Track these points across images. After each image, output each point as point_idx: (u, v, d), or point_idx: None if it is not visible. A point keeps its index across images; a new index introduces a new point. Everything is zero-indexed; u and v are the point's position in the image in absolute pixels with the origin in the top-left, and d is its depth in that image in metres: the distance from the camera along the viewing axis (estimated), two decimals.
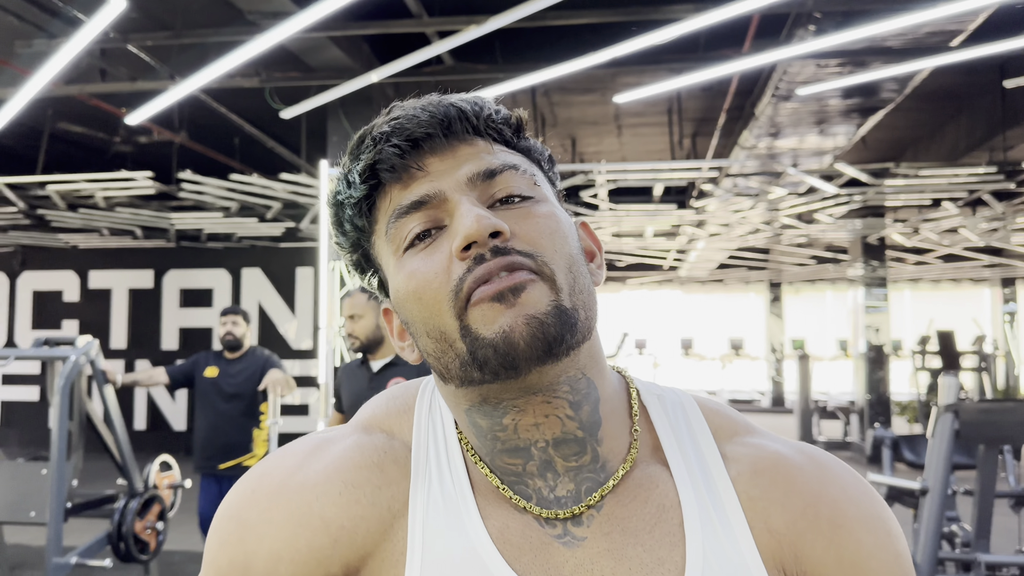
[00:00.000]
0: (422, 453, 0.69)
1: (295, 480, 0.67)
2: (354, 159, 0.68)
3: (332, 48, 5.50)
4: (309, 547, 0.64)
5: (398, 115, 0.67)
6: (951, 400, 4.39)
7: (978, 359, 11.97)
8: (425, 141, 0.66)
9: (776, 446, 0.70)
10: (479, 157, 0.66)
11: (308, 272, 10.54)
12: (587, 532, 0.65)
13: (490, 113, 0.68)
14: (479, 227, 0.61)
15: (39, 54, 5.01)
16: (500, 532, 0.65)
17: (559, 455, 0.66)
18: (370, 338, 3.34)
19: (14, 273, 11.45)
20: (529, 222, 0.64)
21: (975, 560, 4.35)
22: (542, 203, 0.66)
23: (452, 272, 0.62)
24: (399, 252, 0.66)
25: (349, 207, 0.69)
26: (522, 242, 0.63)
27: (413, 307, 0.65)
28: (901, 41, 4.91)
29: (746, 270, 17.10)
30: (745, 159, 7.39)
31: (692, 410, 0.73)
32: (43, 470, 4.47)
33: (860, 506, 0.67)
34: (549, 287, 0.61)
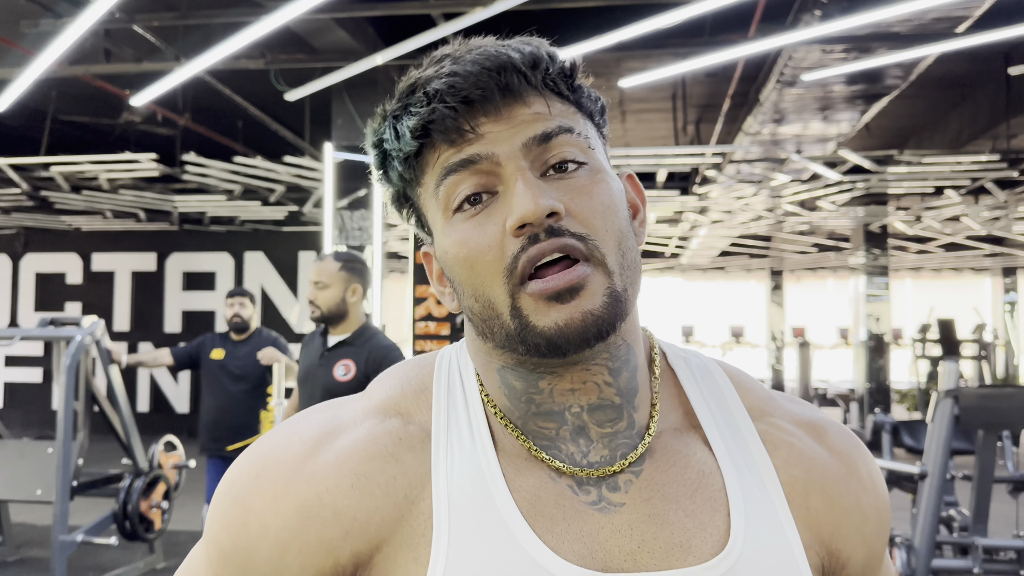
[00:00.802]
0: (442, 434, 0.68)
1: (305, 471, 0.65)
2: (403, 110, 0.66)
3: (337, 30, 5.49)
4: (319, 538, 0.64)
5: (453, 70, 0.64)
6: (951, 385, 4.42)
7: (978, 348, 12.00)
8: (480, 102, 0.64)
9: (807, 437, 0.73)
10: (534, 119, 0.64)
11: (311, 256, 10.55)
12: (625, 498, 0.65)
13: (547, 66, 0.66)
14: (536, 209, 0.60)
15: (44, 34, 5.01)
16: (531, 503, 0.64)
17: (593, 421, 0.66)
18: (332, 310, 3.16)
19: (17, 255, 11.48)
20: (583, 199, 0.63)
21: (973, 544, 4.39)
22: (595, 171, 0.65)
23: (506, 248, 0.62)
24: (448, 213, 0.65)
25: (396, 159, 0.67)
26: (576, 222, 0.62)
27: (462, 272, 0.65)
28: (907, 27, 4.90)
29: (748, 258, 17.11)
30: (749, 145, 7.39)
31: (721, 377, 0.74)
32: (49, 449, 4.51)
33: (877, 494, 0.75)
34: (602, 274, 0.62)
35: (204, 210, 10.07)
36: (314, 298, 3.16)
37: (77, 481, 4.53)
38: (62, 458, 4.31)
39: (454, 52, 0.66)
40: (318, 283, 3.15)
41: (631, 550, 0.63)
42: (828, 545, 0.70)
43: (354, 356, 3.11)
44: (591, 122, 0.69)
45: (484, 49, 0.65)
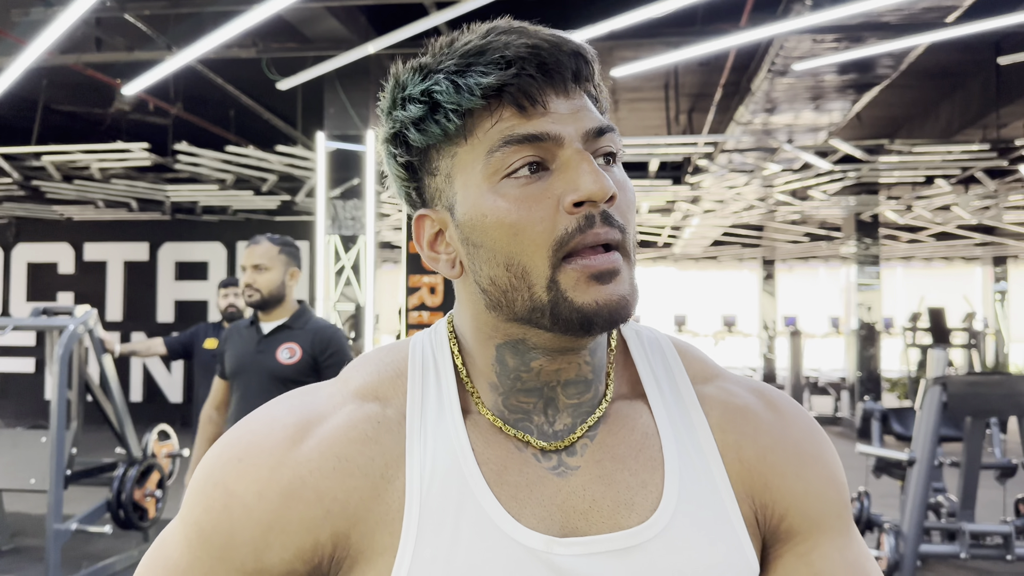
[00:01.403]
0: (416, 415, 0.71)
1: (290, 456, 0.68)
2: (467, 68, 0.66)
3: (329, 19, 5.49)
4: (300, 519, 0.67)
5: (534, 43, 0.65)
6: (939, 373, 4.46)
7: (968, 336, 12.08)
8: (558, 78, 0.66)
9: (744, 393, 0.77)
10: (590, 111, 0.67)
11: (304, 246, 10.53)
12: (580, 461, 0.70)
13: (595, 71, 0.70)
14: (603, 190, 0.63)
15: (35, 23, 4.99)
16: (498, 473, 0.69)
17: (564, 394, 0.71)
18: (272, 293, 3.08)
19: (8, 245, 11.44)
20: (624, 193, 0.67)
21: (960, 529, 4.44)
22: (621, 168, 0.70)
23: (558, 222, 0.64)
24: (495, 177, 0.66)
25: (451, 111, 0.66)
26: (619, 213, 0.66)
27: (500, 237, 0.65)
28: (897, 16, 4.92)
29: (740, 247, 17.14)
30: (741, 135, 7.41)
31: (668, 348, 0.78)
32: (43, 438, 4.52)
33: (816, 443, 0.76)
34: (628, 265, 0.67)
35: (196, 200, 10.05)
36: (252, 281, 3.06)
37: (71, 470, 4.54)
38: (56, 447, 4.31)
39: (518, 27, 0.68)
40: (258, 266, 3.06)
41: (584, 510, 0.68)
42: (760, 496, 0.73)
43: (297, 339, 3.07)
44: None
45: (551, 31, 0.68)
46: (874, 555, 4.50)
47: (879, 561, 4.41)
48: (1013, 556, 4.40)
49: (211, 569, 0.68)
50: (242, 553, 0.67)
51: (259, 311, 3.13)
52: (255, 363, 3.06)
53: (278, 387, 3.01)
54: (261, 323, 3.13)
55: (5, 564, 5.05)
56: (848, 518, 0.76)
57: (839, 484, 0.76)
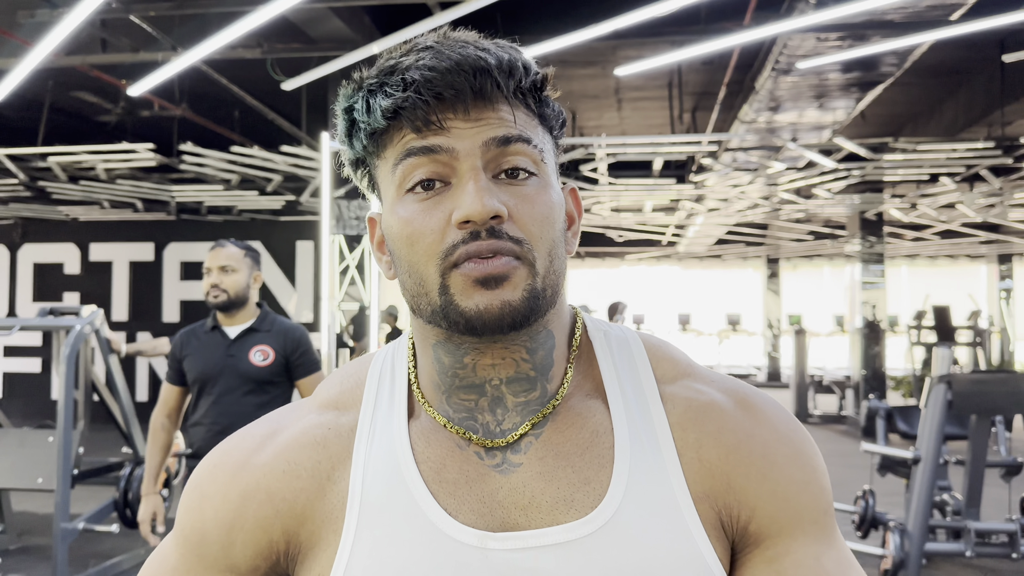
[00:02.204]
0: (367, 419, 0.75)
1: (250, 462, 0.75)
2: (379, 87, 0.69)
3: (333, 19, 5.50)
4: (255, 517, 0.73)
5: (433, 64, 0.67)
6: (944, 371, 4.46)
7: (973, 334, 12.05)
8: (451, 100, 0.67)
9: (712, 392, 0.75)
10: (498, 123, 0.68)
11: (308, 246, 10.56)
12: (523, 458, 0.71)
13: (521, 77, 0.70)
14: (482, 210, 0.65)
15: (41, 24, 5.01)
16: (437, 471, 0.71)
17: (510, 391, 0.73)
18: (239, 294, 3.10)
19: (15, 245, 11.47)
20: (526, 206, 0.68)
21: (965, 528, 4.44)
22: (542, 184, 0.70)
23: (447, 236, 0.67)
24: (400, 191, 0.70)
25: (363, 131, 0.71)
26: (515, 226, 0.67)
27: (402, 247, 0.70)
28: (901, 15, 4.92)
29: (744, 246, 17.13)
30: (745, 133, 7.41)
31: (637, 347, 0.78)
32: (50, 438, 4.54)
33: (791, 444, 0.73)
34: (528, 272, 0.68)
35: (201, 200, 10.07)
36: (219, 282, 3.07)
37: (78, 470, 4.56)
38: (63, 447, 4.33)
39: (437, 43, 0.70)
40: (225, 268, 3.08)
41: (523, 506, 0.70)
42: (723, 497, 0.71)
43: (268, 341, 3.10)
44: (550, 134, 0.74)
45: (466, 48, 0.69)
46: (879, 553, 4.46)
47: (884, 560, 4.41)
48: (1018, 554, 4.39)
49: (192, 567, 0.76)
50: (214, 550, 0.74)
51: (223, 313, 3.14)
52: (227, 367, 3.08)
53: (253, 389, 3.06)
54: (225, 327, 3.15)
55: (13, 563, 5.08)
56: (828, 525, 0.73)
57: (816, 488, 0.72)
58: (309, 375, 3.15)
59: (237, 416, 3.02)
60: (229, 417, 3.05)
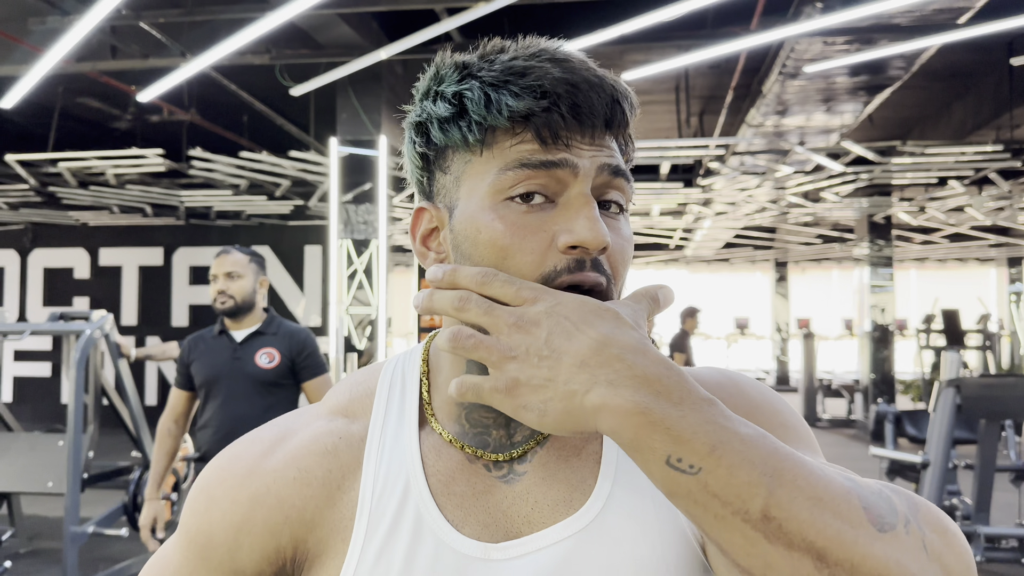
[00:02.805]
0: (377, 430, 0.75)
1: (260, 467, 0.74)
2: (504, 84, 0.67)
3: (341, 25, 5.53)
4: (264, 523, 0.72)
5: (573, 79, 0.66)
6: (953, 375, 4.45)
7: (983, 338, 12.00)
8: (586, 123, 0.66)
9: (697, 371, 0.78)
10: (611, 152, 0.68)
11: (316, 250, 10.60)
12: (528, 467, 0.72)
13: (632, 119, 0.70)
14: (596, 239, 0.64)
15: (52, 31, 5.05)
16: (446, 484, 0.72)
17: None
18: (245, 299, 3.14)
19: (25, 250, 11.54)
20: (619, 244, 0.68)
21: (975, 532, 4.42)
22: (628, 222, 0.71)
23: (547, 258, 0.65)
24: (498, 196, 0.67)
25: (474, 123, 0.67)
26: (610, 262, 0.67)
27: (489, 256, 0.67)
28: (908, 18, 4.91)
29: (752, 249, 17.10)
30: (752, 137, 7.41)
31: None
32: (60, 442, 4.56)
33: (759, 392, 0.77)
34: None
35: (210, 205, 10.12)
36: (226, 288, 3.12)
37: (87, 473, 4.58)
38: (72, 451, 4.35)
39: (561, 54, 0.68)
40: (231, 274, 3.13)
41: (526, 513, 0.71)
42: None
43: (274, 344, 3.15)
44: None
45: (590, 69, 0.68)
46: None
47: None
48: None
49: (195, 570, 0.75)
50: (220, 553, 0.74)
51: (230, 319, 3.18)
52: (233, 371, 3.12)
53: (259, 391, 3.10)
54: (232, 331, 3.19)
55: (23, 566, 5.10)
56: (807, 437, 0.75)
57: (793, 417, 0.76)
58: (315, 377, 3.17)
59: (244, 419, 3.04)
60: (236, 420, 3.08)
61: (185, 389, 3.26)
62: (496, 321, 0.60)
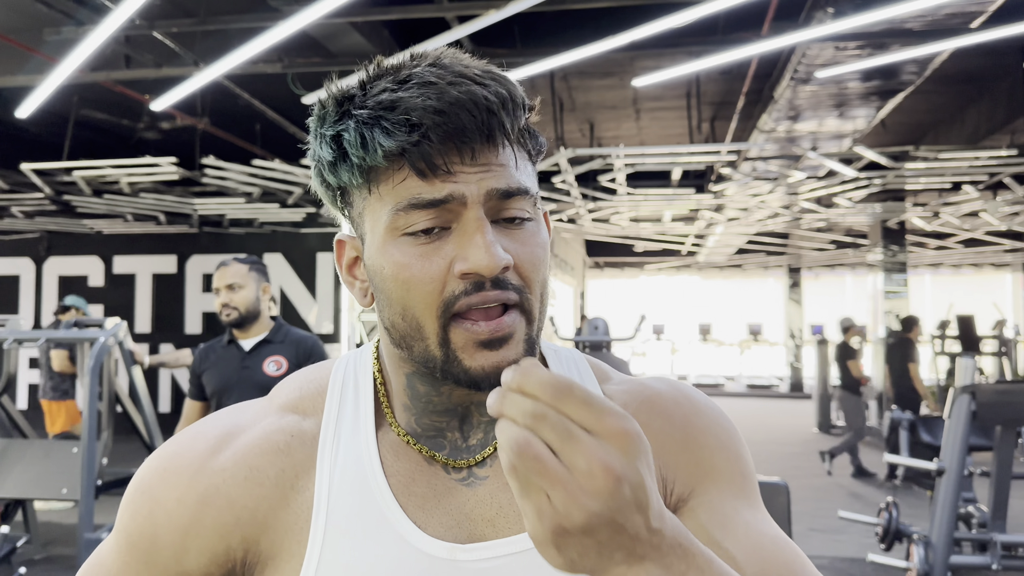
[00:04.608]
0: (331, 429, 0.74)
1: (207, 466, 0.71)
2: (376, 121, 0.65)
3: (353, 34, 5.55)
4: (214, 524, 0.70)
5: (436, 103, 0.63)
6: (968, 381, 4.41)
7: (998, 344, 11.90)
8: (464, 145, 0.65)
9: (642, 387, 0.80)
10: (500, 170, 0.66)
11: (328, 257, 10.62)
12: (489, 472, 0.72)
13: (520, 115, 0.68)
14: (489, 265, 0.63)
15: (66, 41, 5.09)
16: (406, 484, 0.72)
17: (478, 411, 0.73)
18: (249, 309, 3.15)
19: (40, 258, 11.63)
20: (526, 251, 0.67)
21: (991, 540, 4.38)
22: (537, 225, 0.70)
23: (447, 285, 0.65)
24: (396, 232, 0.67)
25: (355, 164, 0.67)
26: (516, 274, 0.66)
27: (395, 290, 0.67)
28: (921, 23, 4.89)
29: (765, 255, 17.04)
30: (764, 142, 7.39)
31: (581, 363, 0.82)
32: (74, 448, 4.58)
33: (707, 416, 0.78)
34: (526, 323, 0.68)
35: (223, 212, 10.17)
36: (229, 300, 3.14)
37: (101, 480, 4.60)
38: (87, 458, 4.38)
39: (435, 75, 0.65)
40: (232, 286, 3.14)
41: (491, 517, 0.71)
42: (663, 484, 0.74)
43: (282, 352, 3.16)
44: (531, 162, 0.72)
45: (464, 84, 0.65)
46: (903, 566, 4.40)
47: (908, 572, 4.35)
48: None
49: (137, 573, 0.72)
50: (164, 556, 0.71)
51: (237, 329, 3.20)
52: (242, 379, 3.13)
53: None
54: (240, 340, 3.21)
55: (38, 573, 5.13)
56: (749, 488, 0.75)
57: (732, 453, 0.76)
58: None
59: None
60: None
61: (198, 399, 3.28)
62: (574, 458, 0.49)
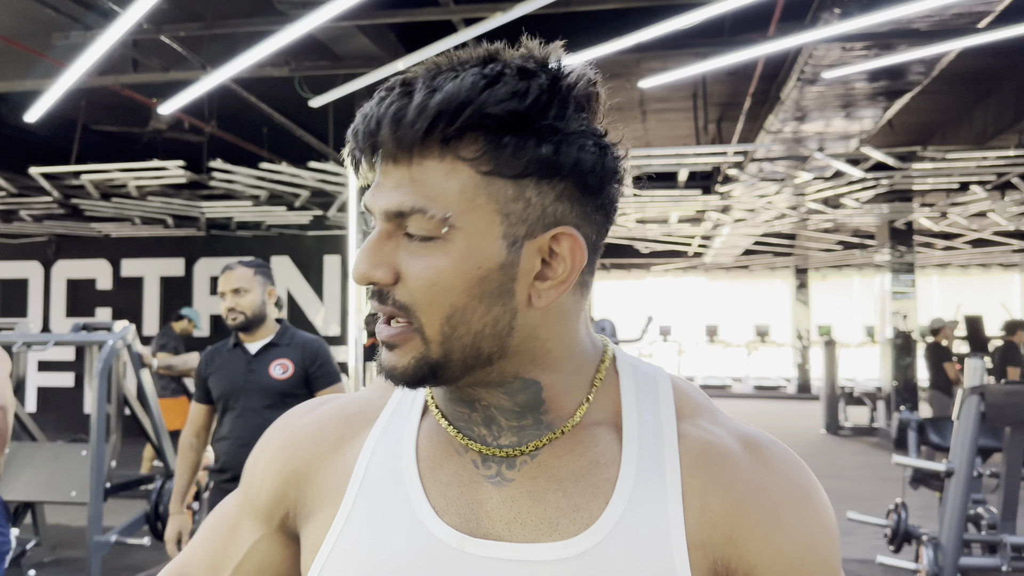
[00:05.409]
0: (391, 409, 0.80)
1: (296, 421, 0.83)
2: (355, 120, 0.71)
3: (360, 37, 5.56)
4: (280, 469, 0.80)
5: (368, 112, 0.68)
6: (977, 382, 4.39)
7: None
8: (384, 153, 0.67)
9: (729, 437, 0.73)
10: (396, 189, 0.66)
11: (335, 260, 10.65)
12: (516, 475, 0.72)
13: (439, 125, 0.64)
14: (358, 275, 0.68)
15: (74, 46, 5.11)
16: (433, 470, 0.74)
17: (503, 416, 0.73)
18: (256, 313, 3.16)
19: (49, 262, 11.68)
20: (415, 270, 0.66)
21: (1001, 542, 4.36)
22: (443, 246, 0.66)
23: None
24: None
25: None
26: (404, 291, 0.67)
27: None
28: (928, 23, 4.88)
29: (772, 256, 17.01)
30: (771, 143, 7.37)
31: (663, 384, 0.77)
32: (83, 451, 4.61)
33: (802, 505, 0.71)
34: (419, 341, 0.68)
35: (231, 216, 10.20)
36: (235, 305, 3.14)
37: (110, 483, 4.62)
38: (95, 460, 4.39)
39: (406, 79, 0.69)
40: (238, 290, 3.14)
41: (508, 520, 0.71)
42: (722, 549, 0.69)
43: (288, 355, 3.17)
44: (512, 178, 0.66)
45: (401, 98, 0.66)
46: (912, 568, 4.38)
47: (917, 574, 4.34)
48: None
49: (241, 507, 0.85)
50: (252, 493, 0.83)
51: (242, 332, 3.20)
52: (248, 382, 3.14)
53: (274, 402, 3.11)
54: (246, 344, 3.21)
55: (47, 575, 5.15)
56: None
57: (824, 556, 0.71)
58: (329, 386, 3.18)
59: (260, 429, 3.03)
60: (252, 431, 3.08)
61: (204, 403, 3.28)
62: None
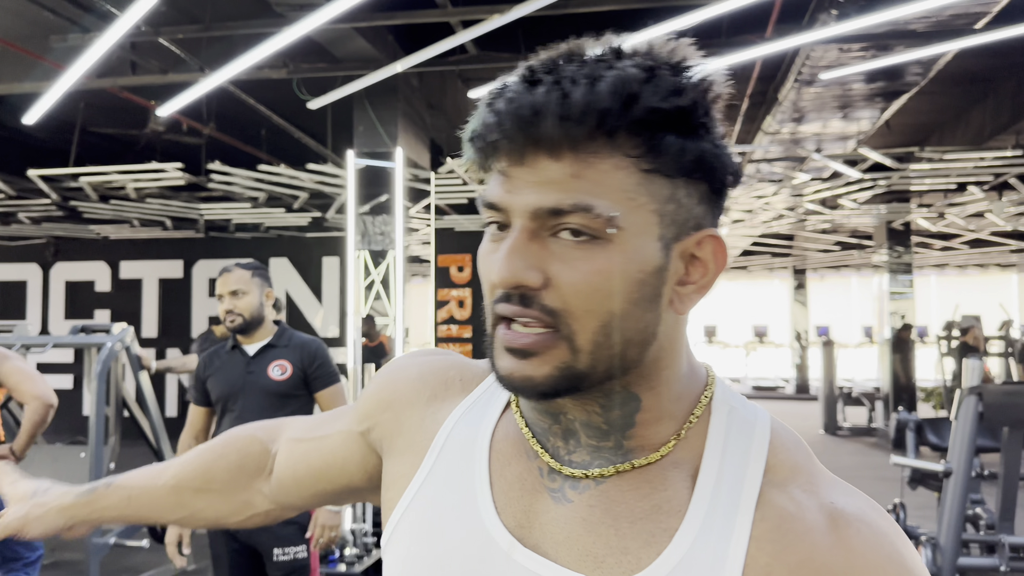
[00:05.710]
0: (480, 390, 0.80)
1: (408, 362, 0.87)
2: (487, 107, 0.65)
3: (358, 39, 5.57)
4: (378, 399, 0.85)
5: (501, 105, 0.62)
6: (975, 383, 4.40)
7: (1004, 344, 11.86)
8: (527, 151, 0.62)
9: (815, 513, 0.64)
10: (552, 186, 0.61)
11: (334, 261, 10.65)
12: (577, 497, 0.68)
13: (599, 120, 0.60)
14: (504, 279, 0.62)
15: (73, 48, 5.12)
16: (501, 466, 0.73)
17: (584, 432, 0.69)
18: (254, 315, 3.15)
19: (47, 264, 11.67)
20: (571, 274, 0.62)
21: (999, 542, 4.36)
22: (606, 248, 0.62)
23: (494, 288, 0.65)
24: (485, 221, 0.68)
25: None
26: (555, 295, 0.62)
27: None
28: (925, 24, 4.89)
29: (770, 257, 17.02)
30: (768, 144, 7.39)
31: (760, 435, 0.69)
32: (82, 453, 4.61)
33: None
34: (565, 349, 0.63)
35: (229, 217, 10.21)
36: (233, 307, 3.13)
37: None
38: (94, 462, 4.39)
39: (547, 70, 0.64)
40: (236, 292, 3.14)
41: (558, 540, 0.68)
42: None
43: (286, 356, 3.17)
44: (669, 177, 0.64)
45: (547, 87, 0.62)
46: None
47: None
48: None
49: (352, 413, 0.90)
50: (361, 411, 0.88)
51: (241, 335, 3.20)
52: (247, 384, 3.14)
53: (273, 403, 3.10)
54: (244, 346, 3.21)
55: None
56: None
57: None
58: (327, 387, 3.19)
59: None
60: None
61: (202, 405, 3.27)
62: None
